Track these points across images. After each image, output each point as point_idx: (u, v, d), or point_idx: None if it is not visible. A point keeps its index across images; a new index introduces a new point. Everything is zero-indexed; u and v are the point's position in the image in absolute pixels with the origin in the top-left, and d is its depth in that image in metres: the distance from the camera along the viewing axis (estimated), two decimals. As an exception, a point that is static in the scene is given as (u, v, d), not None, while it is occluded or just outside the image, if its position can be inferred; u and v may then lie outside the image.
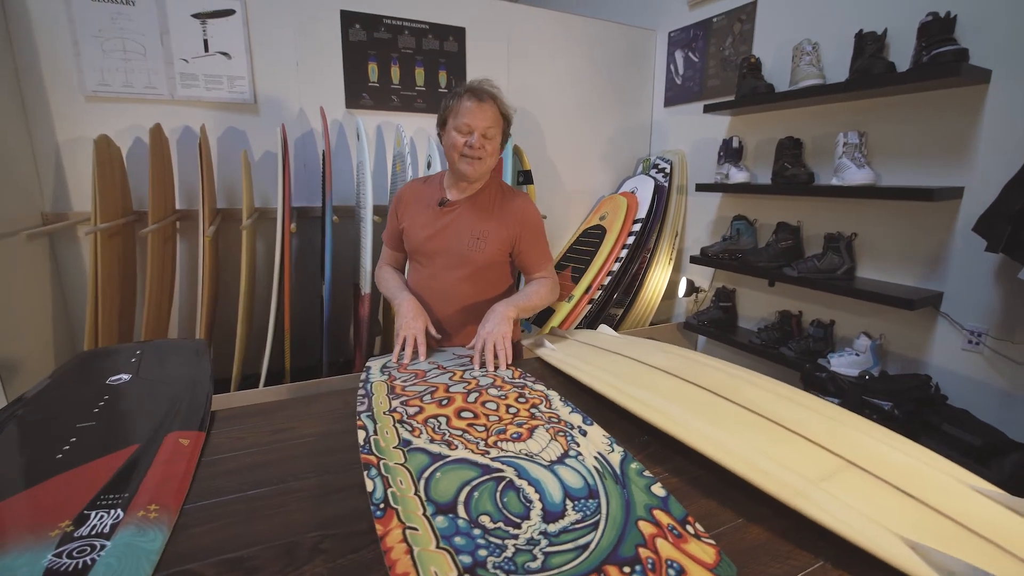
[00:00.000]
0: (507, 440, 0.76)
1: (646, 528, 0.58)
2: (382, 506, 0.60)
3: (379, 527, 0.56)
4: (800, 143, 1.97)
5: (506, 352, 1.08)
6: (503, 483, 0.65)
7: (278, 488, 0.72)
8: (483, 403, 0.89)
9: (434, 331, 1.19)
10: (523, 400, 0.90)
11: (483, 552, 0.54)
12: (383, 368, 1.07)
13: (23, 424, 0.82)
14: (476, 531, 0.57)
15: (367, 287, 1.92)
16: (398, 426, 0.79)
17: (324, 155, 1.90)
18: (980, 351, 1.56)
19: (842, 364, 1.80)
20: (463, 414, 0.84)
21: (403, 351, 1.12)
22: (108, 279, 1.65)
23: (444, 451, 0.72)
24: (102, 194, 1.59)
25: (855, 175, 1.71)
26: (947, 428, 1.47)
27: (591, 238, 2.57)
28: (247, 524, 0.64)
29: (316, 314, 2.11)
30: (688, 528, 0.58)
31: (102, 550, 0.57)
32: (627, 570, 0.52)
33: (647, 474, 0.68)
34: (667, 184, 2.54)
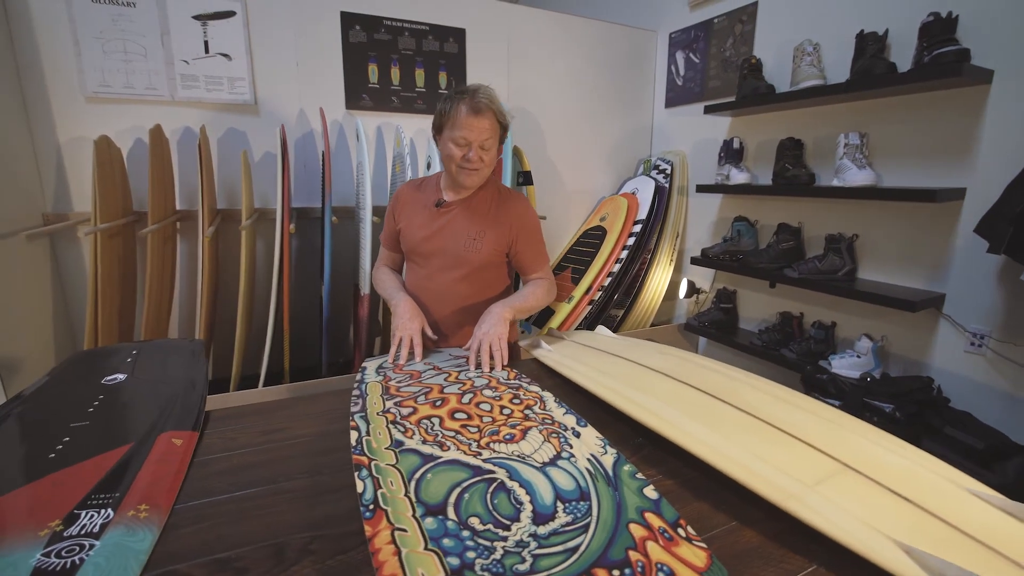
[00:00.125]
0: (500, 441, 0.75)
1: (637, 531, 0.57)
2: (371, 507, 0.59)
3: (368, 528, 0.56)
4: (801, 144, 1.96)
5: (502, 353, 1.08)
6: (494, 484, 0.65)
7: (270, 488, 0.71)
8: (477, 404, 0.88)
9: (430, 332, 1.19)
10: (517, 401, 0.90)
11: (471, 554, 0.53)
12: (379, 369, 1.06)
13: (17, 423, 0.82)
14: (465, 533, 0.56)
15: (366, 288, 1.92)
16: (391, 427, 0.79)
17: (324, 156, 1.90)
18: (983, 353, 1.54)
19: (843, 366, 1.79)
20: (457, 415, 0.84)
21: (399, 352, 1.12)
22: (108, 279, 1.65)
23: (436, 452, 0.72)
24: (102, 195, 1.60)
25: (856, 176, 1.70)
26: (949, 431, 1.46)
27: (591, 239, 2.56)
28: (237, 524, 0.64)
29: (315, 314, 2.11)
30: (679, 531, 0.57)
31: (91, 550, 0.56)
32: (616, 573, 0.51)
33: (640, 476, 0.67)
34: (668, 185, 2.53)
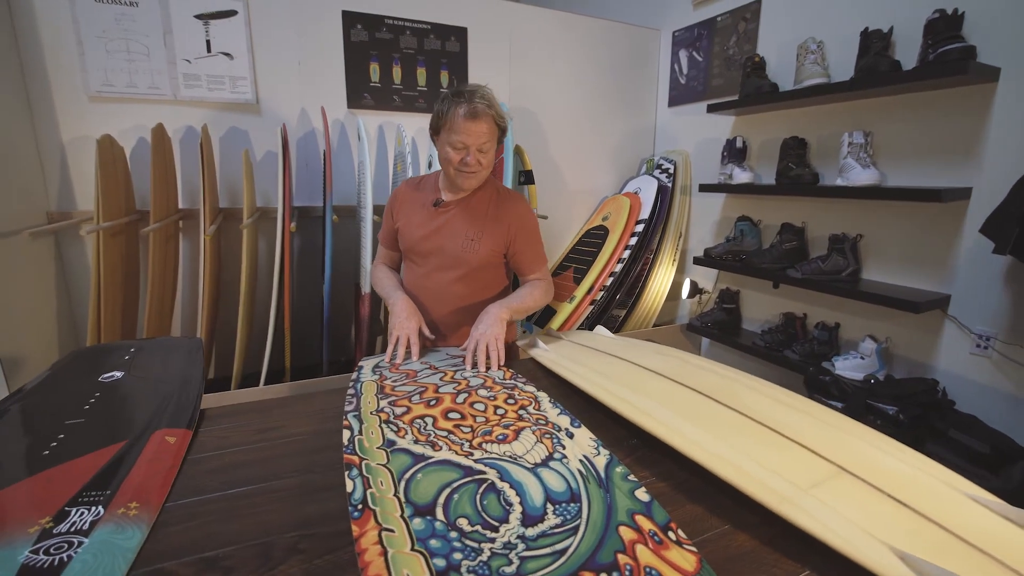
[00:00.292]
0: (492, 442, 0.75)
1: (627, 534, 0.57)
2: (360, 507, 0.59)
3: (355, 528, 0.56)
4: (805, 143, 1.94)
5: (498, 353, 1.08)
6: (484, 485, 0.64)
7: (261, 487, 0.71)
8: (471, 404, 0.88)
9: (428, 331, 1.18)
10: (512, 401, 0.89)
11: (458, 555, 0.53)
12: (375, 368, 1.06)
13: (13, 419, 0.83)
14: (453, 534, 0.56)
15: (367, 287, 1.92)
16: (384, 426, 0.78)
17: (325, 155, 1.91)
18: (988, 355, 1.52)
19: (847, 367, 1.77)
20: (450, 415, 0.83)
21: (396, 351, 1.12)
22: (111, 277, 1.66)
23: (428, 452, 0.71)
24: (105, 193, 1.60)
25: (860, 175, 1.68)
26: (954, 434, 1.44)
27: (593, 239, 2.55)
28: (226, 523, 0.63)
29: (317, 313, 2.11)
30: (670, 535, 0.57)
31: (79, 547, 0.56)
32: (604, 576, 0.51)
33: (632, 478, 0.66)
34: (670, 184, 2.52)
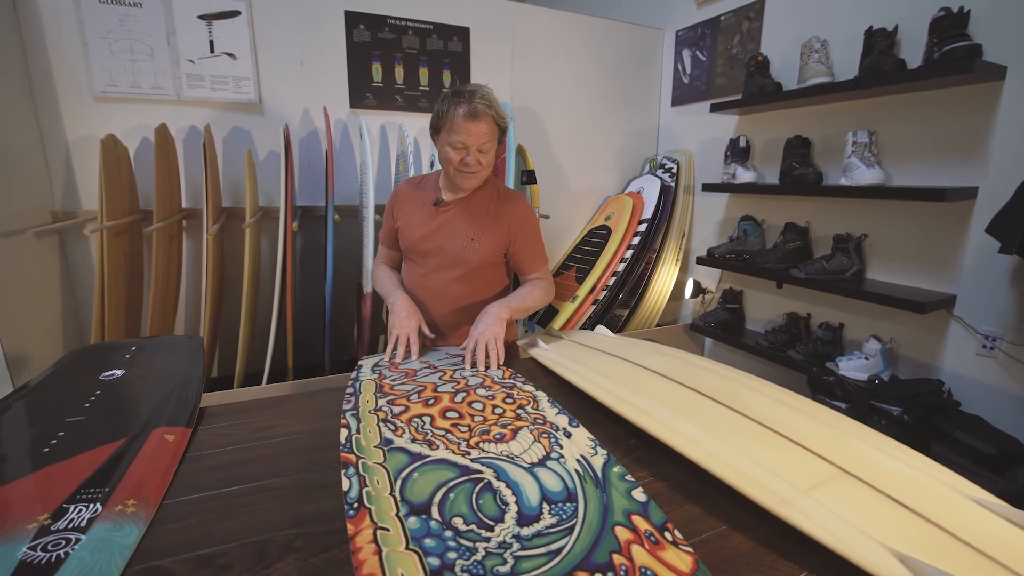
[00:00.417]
0: (489, 441, 0.75)
1: (622, 534, 0.56)
2: (355, 505, 0.59)
3: (350, 527, 0.56)
4: (808, 142, 1.93)
5: (497, 352, 1.07)
6: (480, 484, 0.64)
7: (258, 485, 0.71)
8: (470, 403, 0.87)
9: (427, 331, 1.18)
10: (510, 401, 0.89)
11: (452, 555, 0.53)
12: (374, 367, 1.06)
13: (15, 417, 0.83)
14: (448, 533, 0.56)
15: (369, 286, 1.93)
16: (381, 425, 0.78)
17: (327, 155, 1.91)
18: (995, 356, 1.50)
19: (851, 368, 1.76)
20: (448, 414, 0.83)
21: (395, 350, 1.12)
22: (115, 276, 1.67)
23: (424, 451, 0.71)
24: (109, 193, 1.62)
25: (865, 175, 1.67)
26: (959, 435, 1.42)
27: (596, 238, 2.54)
28: (223, 521, 0.64)
29: (319, 312, 2.12)
30: (666, 535, 0.56)
31: (76, 544, 0.57)
32: (598, 576, 0.50)
33: (629, 478, 0.66)
34: (674, 184, 2.51)
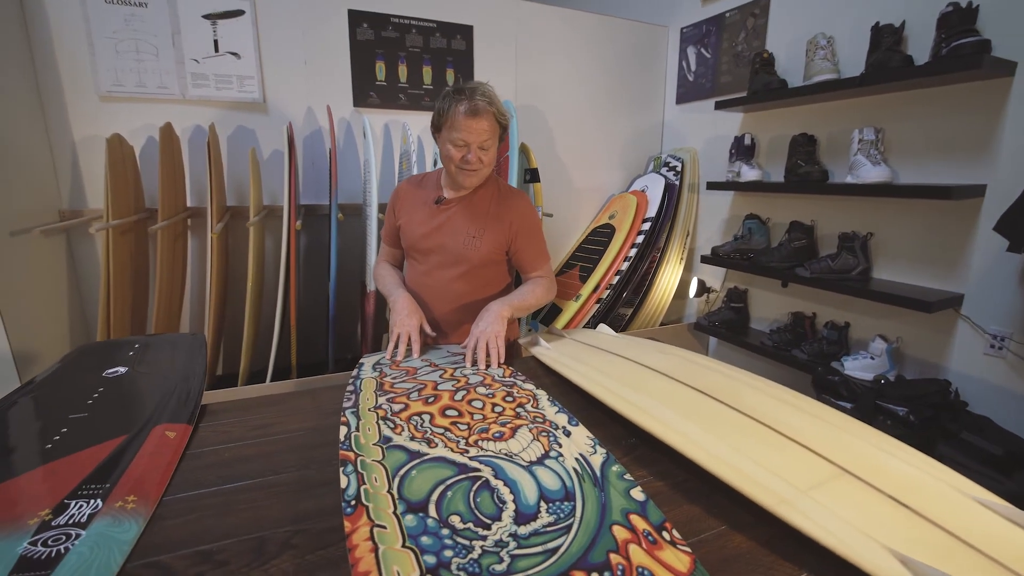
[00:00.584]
0: (488, 439, 0.75)
1: (620, 533, 0.56)
2: (353, 503, 0.59)
3: (347, 524, 0.56)
4: (814, 140, 1.91)
5: (498, 351, 1.07)
6: (478, 483, 0.64)
7: (258, 482, 0.72)
8: (469, 401, 0.87)
9: (429, 329, 1.18)
10: (510, 399, 0.89)
11: (449, 553, 0.53)
12: (375, 365, 1.06)
13: (20, 413, 0.84)
14: (444, 531, 0.56)
15: (373, 284, 1.93)
16: (381, 423, 0.79)
17: (331, 153, 1.92)
18: (1003, 356, 1.48)
19: (856, 368, 1.74)
20: (448, 412, 0.83)
21: (397, 348, 1.12)
22: (120, 274, 1.68)
23: (423, 449, 0.71)
24: (114, 192, 1.63)
25: (871, 173, 1.65)
26: (966, 436, 1.41)
27: (600, 237, 2.54)
28: (222, 517, 0.64)
29: (323, 311, 2.13)
30: (664, 535, 0.56)
31: (77, 539, 0.57)
32: (595, 576, 0.50)
33: (628, 477, 0.66)
34: (678, 182, 2.50)
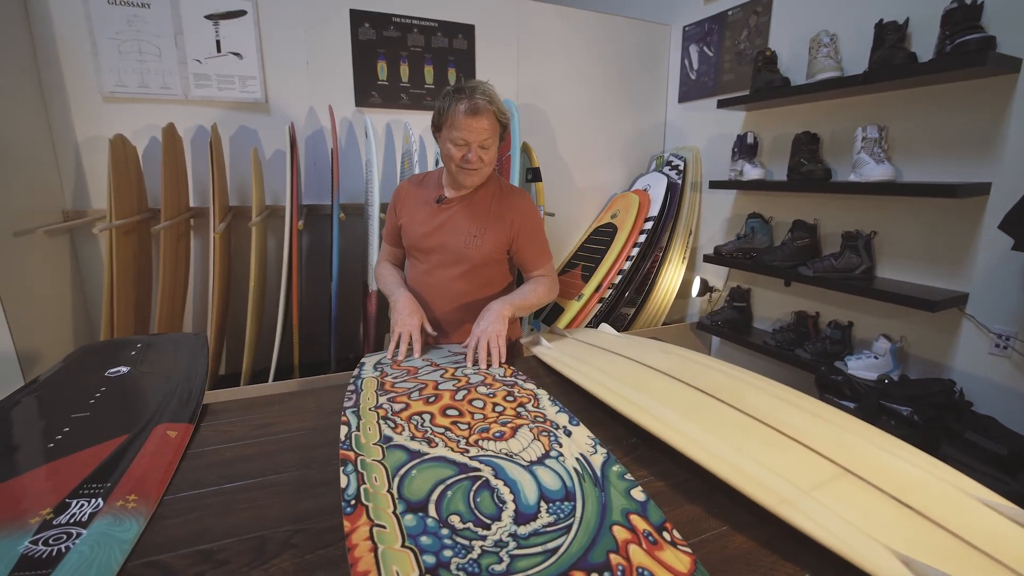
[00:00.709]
0: (489, 439, 0.74)
1: (620, 533, 0.56)
2: (353, 502, 0.59)
3: (347, 524, 0.56)
4: (817, 138, 1.90)
5: (499, 350, 1.07)
6: (478, 483, 0.64)
7: (258, 481, 0.72)
8: (470, 401, 0.87)
9: (430, 328, 1.18)
10: (511, 399, 0.89)
11: (448, 552, 0.52)
12: (376, 364, 1.06)
13: (23, 412, 0.85)
14: (444, 531, 0.55)
15: (375, 284, 1.93)
16: (381, 422, 0.78)
17: (332, 153, 1.92)
18: (1008, 355, 1.47)
19: (860, 367, 1.73)
20: (448, 411, 0.83)
21: (398, 348, 1.12)
22: (123, 274, 1.69)
23: (423, 448, 0.71)
24: (117, 192, 1.63)
25: (874, 171, 1.64)
26: (970, 436, 1.40)
27: (602, 236, 2.53)
28: (222, 517, 0.64)
29: (325, 310, 2.13)
30: (664, 535, 0.56)
31: (77, 538, 0.57)
32: (595, 576, 0.50)
33: (628, 477, 0.65)
34: (680, 181, 2.49)
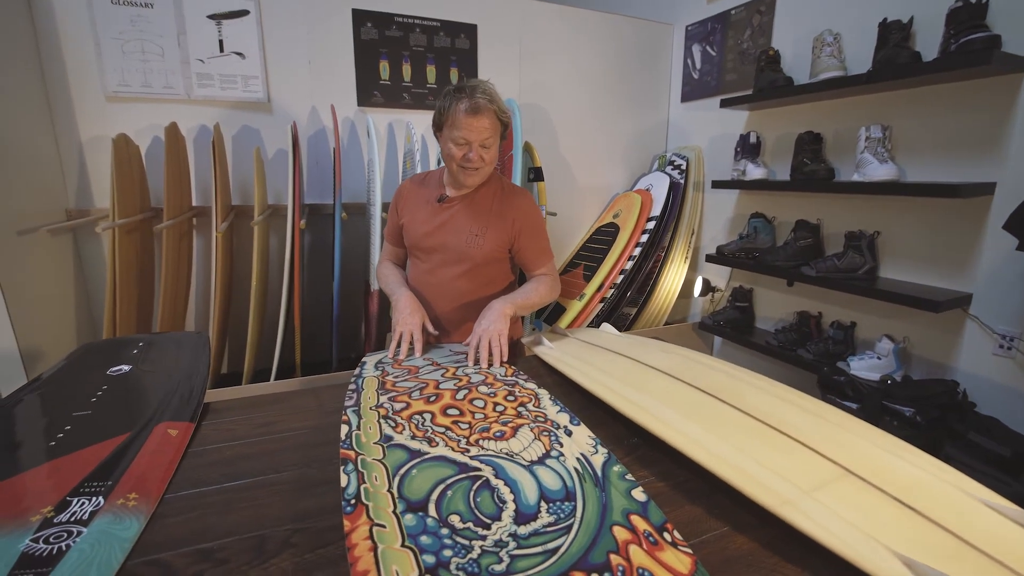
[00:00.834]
0: (489, 439, 0.74)
1: (620, 534, 0.55)
2: (353, 502, 0.59)
3: (347, 523, 0.56)
4: (820, 138, 1.90)
5: (500, 349, 1.07)
6: (478, 482, 0.63)
7: (259, 480, 0.72)
8: (471, 400, 0.87)
9: (431, 327, 1.18)
10: (512, 398, 0.88)
11: (448, 552, 0.52)
12: (378, 364, 1.06)
13: (25, 410, 0.85)
14: (444, 531, 0.55)
15: (377, 283, 1.93)
16: (382, 422, 0.78)
17: (335, 152, 1.92)
18: (1012, 356, 1.47)
19: (862, 368, 1.72)
20: (449, 411, 0.83)
21: (399, 347, 1.12)
22: (126, 273, 1.70)
23: (424, 448, 0.71)
24: (120, 191, 1.64)
25: (878, 171, 1.64)
26: (973, 437, 1.39)
27: (604, 236, 2.53)
28: (223, 515, 0.64)
29: (327, 310, 2.13)
30: (665, 535, 0.55)
31: (78, 536, 0.57)
32: (594, 576, 0.50)
33: (629, 478, 0.65)
34: (683, 181, 2.48)
